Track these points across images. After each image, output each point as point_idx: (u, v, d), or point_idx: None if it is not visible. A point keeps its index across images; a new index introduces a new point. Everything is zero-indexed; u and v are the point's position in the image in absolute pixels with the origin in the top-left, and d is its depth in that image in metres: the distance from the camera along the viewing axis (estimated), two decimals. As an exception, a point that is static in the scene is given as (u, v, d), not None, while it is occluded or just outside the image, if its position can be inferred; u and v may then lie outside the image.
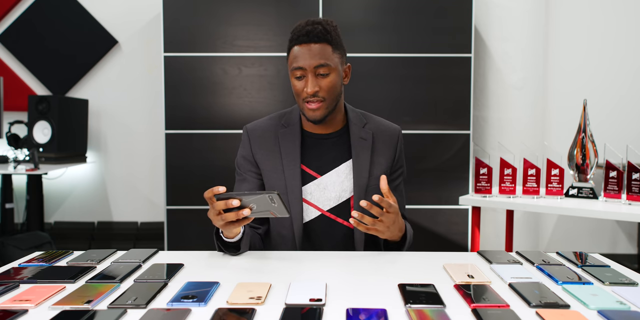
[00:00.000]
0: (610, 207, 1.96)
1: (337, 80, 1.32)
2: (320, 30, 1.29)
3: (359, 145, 1.39)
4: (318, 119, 1.32)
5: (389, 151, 1.43)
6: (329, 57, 1.29)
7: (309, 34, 1.29)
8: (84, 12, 3.40)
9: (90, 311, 0.84)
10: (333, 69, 1.30)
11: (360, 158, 1.38)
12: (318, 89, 1.29)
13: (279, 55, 2.85)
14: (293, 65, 1.30)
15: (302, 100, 1.32)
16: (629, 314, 0.83)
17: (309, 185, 1.37)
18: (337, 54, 1.32)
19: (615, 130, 3.30)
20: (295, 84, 1.32)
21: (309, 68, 1.28)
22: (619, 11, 3.41)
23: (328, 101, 1.31)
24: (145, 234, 3.45)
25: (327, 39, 1.30)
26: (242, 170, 1.44)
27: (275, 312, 0.84)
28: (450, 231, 2.94)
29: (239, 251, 1.22)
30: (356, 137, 1.39)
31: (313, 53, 1.28)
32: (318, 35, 1.29)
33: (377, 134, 1.42)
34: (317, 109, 1.30)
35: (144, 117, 3.46)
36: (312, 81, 1.28)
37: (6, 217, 3.18)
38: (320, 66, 1.28)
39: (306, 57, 1.28)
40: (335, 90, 1.32)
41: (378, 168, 1.39)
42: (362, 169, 1.37)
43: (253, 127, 1.45)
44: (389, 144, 1.43)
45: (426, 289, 0.95)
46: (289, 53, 1.33)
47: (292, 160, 1.37)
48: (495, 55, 3.16)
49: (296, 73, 1.30)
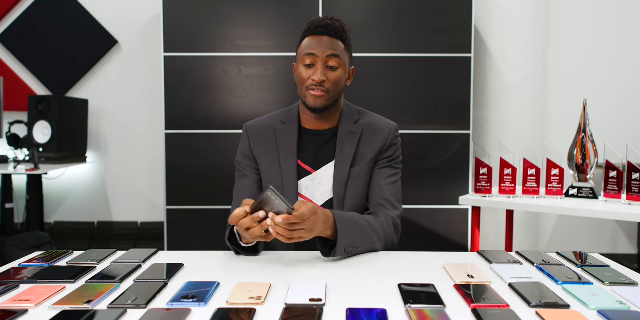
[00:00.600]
0: (610, 207, 1.96)
1: (343, 77, 1.36)
2: (339, 26, 1.33)
3: (345, 139, 1.41)
4: (319, 107, 1.34)
5: (378, 142, 1.42)
6: (341, 51, 1.34)
7: (328, 27, 1.32)
8: (84, 12, 3.40)
9: (90, 311, 0.84)
10: (342, 65, 1.34)
11: (344, 150, 1.39)
12: (325, 79, 1.31)
13: (279, 55, 2.85)
14: (305, 51, 1.32)
15: (305, 88, 1.34)
16: (629, 314, 0.83)
17: (304, 180, 1.40)
18: (347, 53, 1.37)
19: (615, 130, 3.30)
20: (302, 71, 1.34)
21: (321, 56, 1.31)
22: (619, 11, 3.41)
23: (331, 94, 1.34)
24: (145, 234, 3.45)
25: (342, 37, 1.34)
26: (241, 167, 1.47)
27: (275, 312, 0.84)
28: (450, 231, 2.94)
29: (257, 253, 1.23)
30: (344, 131, 1.41)
31: (328, 44, 1.32)
32: (335, 31, 1.33)
33: (367, 129, 1.43)
34: (319, 96, 1.33)
35: (144, 117, 3.46)
36: (322, 70, 1.31)
37: (6, 217, 3.18)
38: (332, 56, 1.31)
39: (320, 46, 1.32)
40: (339, 86, 1.35)
41: (363, 158, 1.40)
42: (344, 162, 1.39)
43: (252, 124, 1.49)
44: (379, 136, 1.43)
45: (426, 289, 0.95)
46: (301, 42, 1.36)
47: (289, 156, 1.40)
48: (495, 55, 3.16)
49: (306, 60, 1.32)
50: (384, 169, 1.44)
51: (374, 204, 1.41)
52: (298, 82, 1.37)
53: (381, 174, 1.43)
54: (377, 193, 1.41)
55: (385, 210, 1.38)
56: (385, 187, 1.41)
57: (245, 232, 1.11)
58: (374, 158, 1.42)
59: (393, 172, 1.45)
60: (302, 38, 1.36)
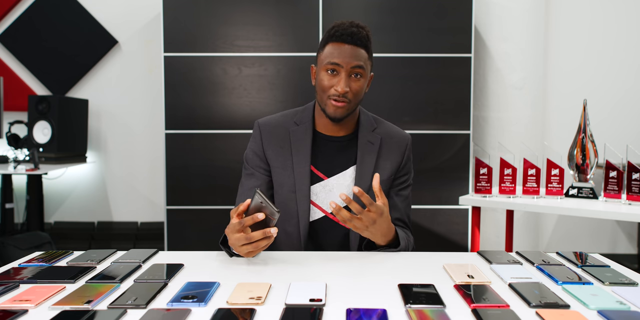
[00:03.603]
0: (610, 207, 1.96)
1: (364, 86, 1.34)
2: (364, 35, 1.31)
3: (365, 149, 1.39)
4: (339, 117, 1.33)
5: (396, 157, 1.42)
6: (365, 61, 1.31)
7: (354, 35, 1.29)
8: (84, 12, 3.40)
9: (90, 311, 0.84)
10: (365, 74, 1.32)
11: (365, 161, 1.38)
12: (348, 90, 1.29)
13: (279, 55, 2.85)
14: (329, 59, 1.29)
15: (327, 96, 1.32)
16: (629, 314, 0.83)
17: (315, 186, 1.38)
18: (369, 62, 1.35)
19: (615, 130, 3.30)
20: (323, 78, 1.31)
21: (346, 66, 1.29)
22: (619, 11, 3.41)
23: (352, 103, 1.33)
24: (145, 234, 3.45)
25: (367, 46, 1.32)
26: (250, 165, 1.44)
27: (275, 312, 0.84)
28: (450, 231, 2.94)
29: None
30: (364, 141, 1.40)
31: (353, 54, 1.29)
32: (362, 40, 1.30)
33: (386, 139, 1.42)
34: (341, 107, 1.31)
35: (144, 117, 3.46)
36: (346, 80, 1.29)
37: (6, 217, 3.18)
38: (357, 67, 1.29)
39: (346, 55, 1.29)
40: (360, 95, 1.34)
41: (382, 173, 1.39)
42: (365, 173, 1.37)
43: (265, 122, 1.45)
44: (397, 150, 1.43)
45: (426, 289, 0.95)
46: (324, 47, 1.33)
47: (303, 160, 1.38)
48: (495, 55, 3.16)
49: (329, 67, 1.30)
50: (402, 190, 1.45)
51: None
52: (318, 88, 1.34)
53: (399, 196, 1.44)
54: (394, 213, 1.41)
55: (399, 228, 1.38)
56: (403, 208, 1.43)
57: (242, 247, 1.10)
58: (392, 175, 1.41)
59: (409, 191, 1.47)
60: (325, 43, 1.33)
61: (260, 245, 1.08)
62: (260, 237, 1.06)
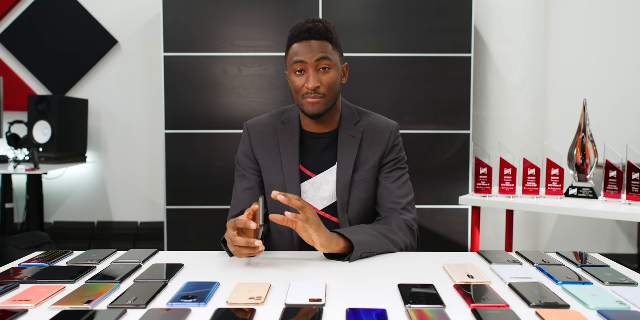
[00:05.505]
0: (610, 207, 1.96)
1: (337, 78, 1.33)
2: (322, 28, 1.30)
3: (345, 144, 1.38)
4: (317, 114, 1.32)
5: (380, 146, 1.40)
6: (330, 52, 1.30)
7: (310, 30, 1.29)
8: (84, 12, 3.40)
9: (90, 311, 0.84)
10: (333, 65, 1.31)
11: (345, 155, 1.37)
12: (319, 85, 1.29)
13: (279, 55, 2.85)
14: (294, 59, 1.29)
15: (301, 97, 1.31)
16: (629, 314, 0.83)
17: (304, 184, 1.38)
18: (337, 52, 1.33)
19: (615, 130, 3.30)
20: (295, 80, 1.31)
21: (310, 62, 1.28)
22: (619, 11, 3.41)
23: (328, 98, 1.31)
24: (145, 234, 3.45)
25: (327, 37, 1.31)
26: (242, 167, 1.44)
27: (275, 313, 0.84)
28: (450, 231, 2.94)
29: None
30: (345, 136, 1.39)
31: (314, 48, 1.29)
32: (319, 33, 1.29)
33: (368, 130, 1.41)
34: (316, 103, 1.30)
35: (144, 117, 3.46)
36: (314, 76, 1.28)
37: (6, 217, 3.19)
38: (322, 59, 1.28)
39: (307, 51, 1.28)
40: (335, 88, 1.32)
41: (365, 162, 1.38)
42: (345, 168, 1.37)
43: (253, 123, 1.46)
44: (381, 138, 1.41)
45: (426, 289, 0.95)
46: (288, 50, 1.33)
47: (291, 158, 1.38)
48: (495, 55, 3.16)
49: (296, 67, 1.29)
50: (391, 173, 1.41)
51: (385, 209, 1.38)
52: (293, 91, 1.34)
53: (389, 178, 1.40)
54: (387, 198, 1.38)
55: (397, 214, 1.36)
56: (395, 190, 1.39)
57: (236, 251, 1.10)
58: (377, 163, 1.39)
59: (400, 173, 1.43)
60: (289, 46, 1.33)
61: (242, 251, 1.09)
62: (242, 245, 1.07)
